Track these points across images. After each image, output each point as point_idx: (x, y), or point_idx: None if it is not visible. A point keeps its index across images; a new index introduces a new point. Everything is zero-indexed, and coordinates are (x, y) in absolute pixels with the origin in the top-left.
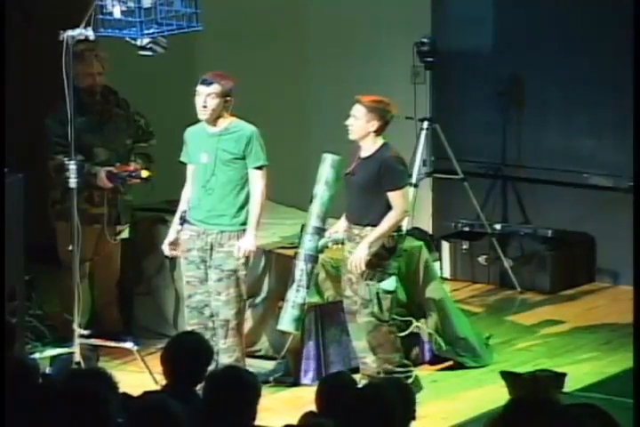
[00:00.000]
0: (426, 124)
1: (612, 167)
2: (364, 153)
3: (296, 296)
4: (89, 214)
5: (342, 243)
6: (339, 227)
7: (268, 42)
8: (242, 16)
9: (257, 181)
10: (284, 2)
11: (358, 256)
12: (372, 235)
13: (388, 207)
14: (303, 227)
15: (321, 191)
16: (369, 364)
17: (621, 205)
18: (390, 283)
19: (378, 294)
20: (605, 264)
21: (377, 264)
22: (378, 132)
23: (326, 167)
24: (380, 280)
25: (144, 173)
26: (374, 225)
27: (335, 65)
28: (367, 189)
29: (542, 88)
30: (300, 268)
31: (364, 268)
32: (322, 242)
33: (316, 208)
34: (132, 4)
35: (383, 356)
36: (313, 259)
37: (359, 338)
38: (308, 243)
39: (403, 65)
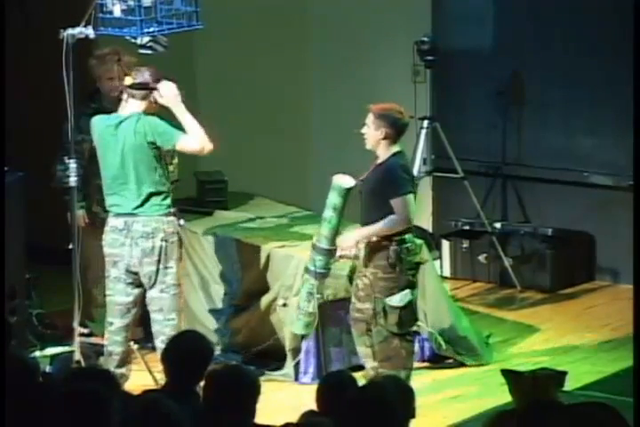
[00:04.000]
0: (426, 122)
1: (612, 166)
2: (378, 160)
3: (307, 306)
4: (100, 218)
5: (352, 258)
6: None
7: (269, 42)
8: (242, 16)
9: None
10: (285, 2)
11: (346, 240)
12: (366, 229)
13: None
14: (313, 246)
15: (329, 217)
16: (368, 369)
17: (621, 203)
18: (399, 298)
19: (384, 308)
20: (605, 263)
21: (382, 278)
22: (389, 139)
23: (335, 195)
24: (388, 295)
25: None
26: (377, 241)
27: (335, 64)
28: (374, 197)
29: (542, 88)
30: (312, 282)
31: (351, 245)
32: (333, 260)
33: (325, 231)
34: (132, 3)
35: (387, 372)
36: (323, 275)
37: (359, 344)
38: (319, 262)
39: (403, 64)
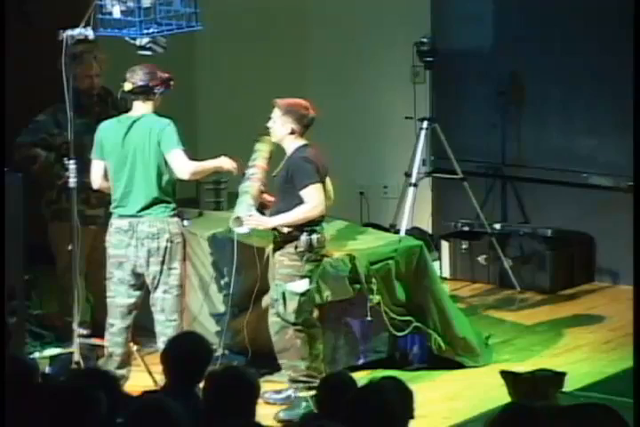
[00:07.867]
0: (425, 123)
1: (612, 167)
2: (286, 155)
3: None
4: (85, 215)
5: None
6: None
7: (268, 42)
8: (242, 16)
9: None
10: (285, 2)
11: (262, 220)
12: (278, 218)
13: None
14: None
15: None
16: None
17: (621, 204)
18: (300, 285)
19: (284, 294)
20: (605, 264)
21: (287, 265)
22: (295, 134)
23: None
24: (288, 281)
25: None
26: (288, 232)
27: (335, 65)
28: (282, 192)
29: (542, 88)
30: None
31: (263, 225)
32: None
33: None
34: (131, 4)
35: (287, 362)
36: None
37: (273, 336)
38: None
39: (403, 65)
